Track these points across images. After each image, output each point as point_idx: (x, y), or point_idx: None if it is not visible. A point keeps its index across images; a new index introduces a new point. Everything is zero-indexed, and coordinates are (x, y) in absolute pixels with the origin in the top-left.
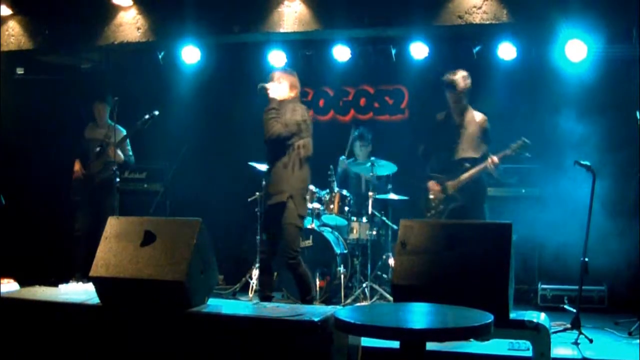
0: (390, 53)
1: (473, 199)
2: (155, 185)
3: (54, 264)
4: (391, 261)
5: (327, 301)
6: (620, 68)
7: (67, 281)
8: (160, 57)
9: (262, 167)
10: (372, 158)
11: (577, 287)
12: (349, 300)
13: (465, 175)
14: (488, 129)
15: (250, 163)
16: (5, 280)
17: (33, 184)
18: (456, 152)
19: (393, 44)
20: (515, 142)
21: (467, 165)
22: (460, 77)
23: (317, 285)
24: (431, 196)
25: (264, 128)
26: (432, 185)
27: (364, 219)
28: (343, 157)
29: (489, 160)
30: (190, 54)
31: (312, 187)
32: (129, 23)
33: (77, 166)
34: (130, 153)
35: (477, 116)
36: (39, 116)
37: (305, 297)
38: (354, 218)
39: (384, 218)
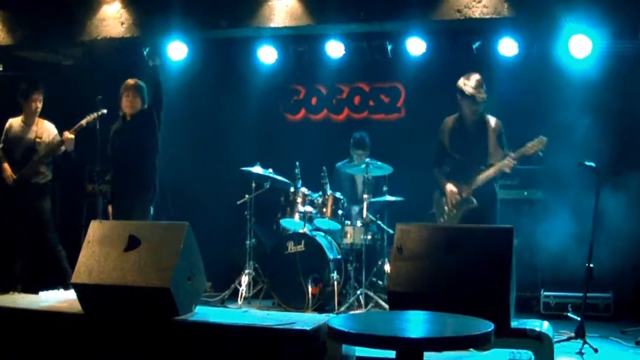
0: (386, 49)
1: (487, 203)
2: None
3: (32, 271)
4: (387, 267)
5: (319, 309)
6: (627, 64)
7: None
8: (145, 53)
9: (256, 169)
10: (367, 159)
11: (581, 294)
12: (342, 308)
13: (482, 176)
14: (503, 132)
15: (243, 169)
16: None
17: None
18: (473, 158)
19: (389, 40)
20: (532, 140)
21: (482, 167)
22: (479, 87)
23: (310, 293)
24: (447, 200)
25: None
26: (450, 187)
27: (359, 223)
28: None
29: (507, 161)
30: (177, 50)
31: (304, 190)
32: (113, 18)
33: (7, 171)
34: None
35: (492, 121)
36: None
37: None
38: (348, 222)
39: (379, 222)
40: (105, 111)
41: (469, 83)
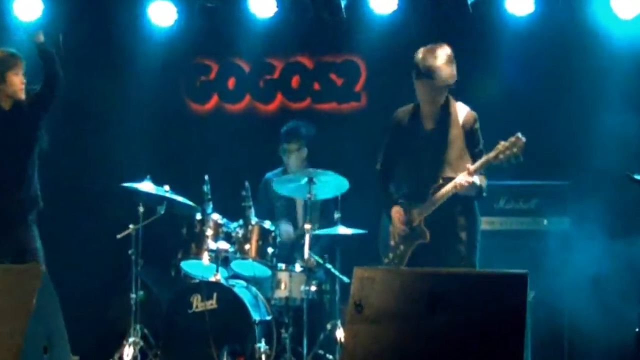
0: (339, 5)
1: (448, 238)
2: None
3: None
4: (340, 333)
5: None
6: None
7: None
8: None
9: (146, 186)
10: (310, 170)
11: None
12: None
13: (439, 194)
14: (478, 129)
15: (125, 185)
16: None
17: None
18: (428, 170)
19: None
20: (506, 139)
21: (440, 182)
22: (445, 61)
23: None
24: (391, 229)
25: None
26: (396, 212)
27: (298, 267)
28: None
29: (461, 176)
30: (28, 6)
31: (217, 217)
32: None
33: None
34: None
35: (460, 113)
36: None
37: None
38: (282, 265)
39: (328, 265)
40: None
41: (429, 55)
